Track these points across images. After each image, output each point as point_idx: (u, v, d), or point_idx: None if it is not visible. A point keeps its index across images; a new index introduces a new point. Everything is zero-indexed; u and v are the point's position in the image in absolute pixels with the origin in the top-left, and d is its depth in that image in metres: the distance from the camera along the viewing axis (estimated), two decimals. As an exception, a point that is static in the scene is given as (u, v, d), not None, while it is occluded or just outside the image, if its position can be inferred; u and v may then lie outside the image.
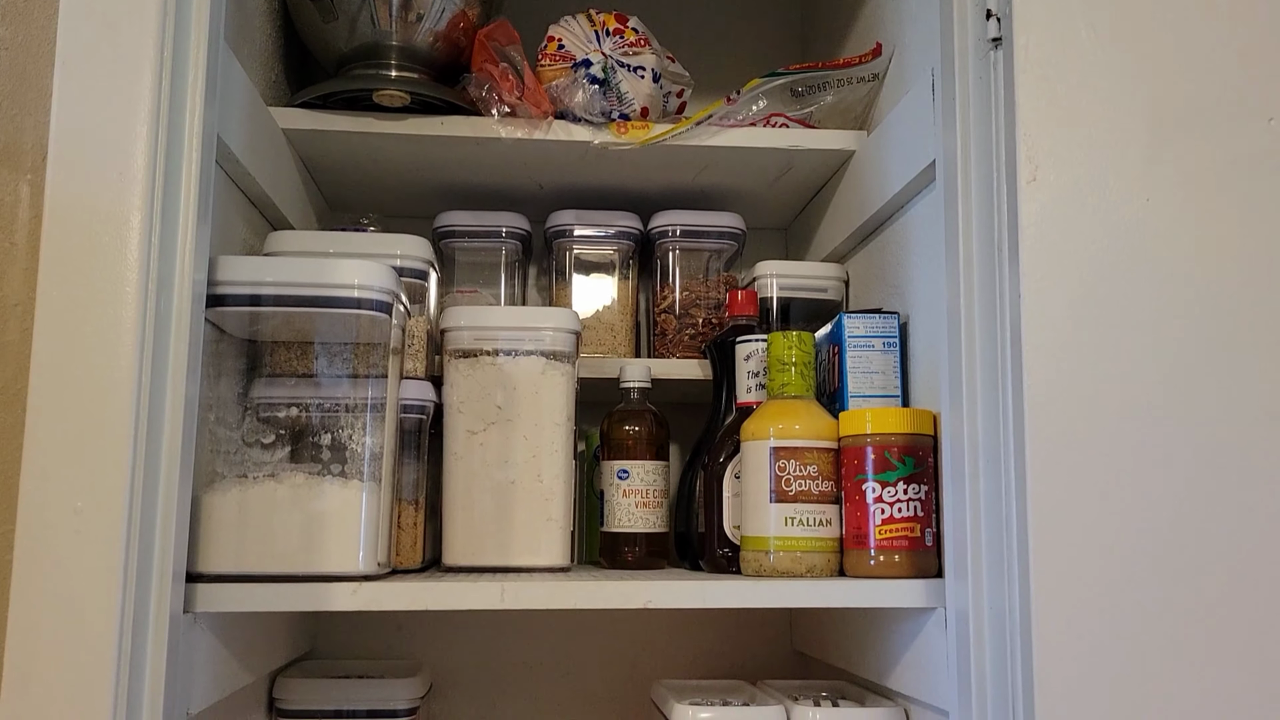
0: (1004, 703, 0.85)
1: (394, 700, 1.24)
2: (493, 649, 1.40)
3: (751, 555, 1.01)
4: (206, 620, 0.91)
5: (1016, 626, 0.84)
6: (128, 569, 0.76)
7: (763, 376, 1.10)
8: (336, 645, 1.39)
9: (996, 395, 0.86)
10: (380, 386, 0.98)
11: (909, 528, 0.97)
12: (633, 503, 1.16)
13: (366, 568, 0.91)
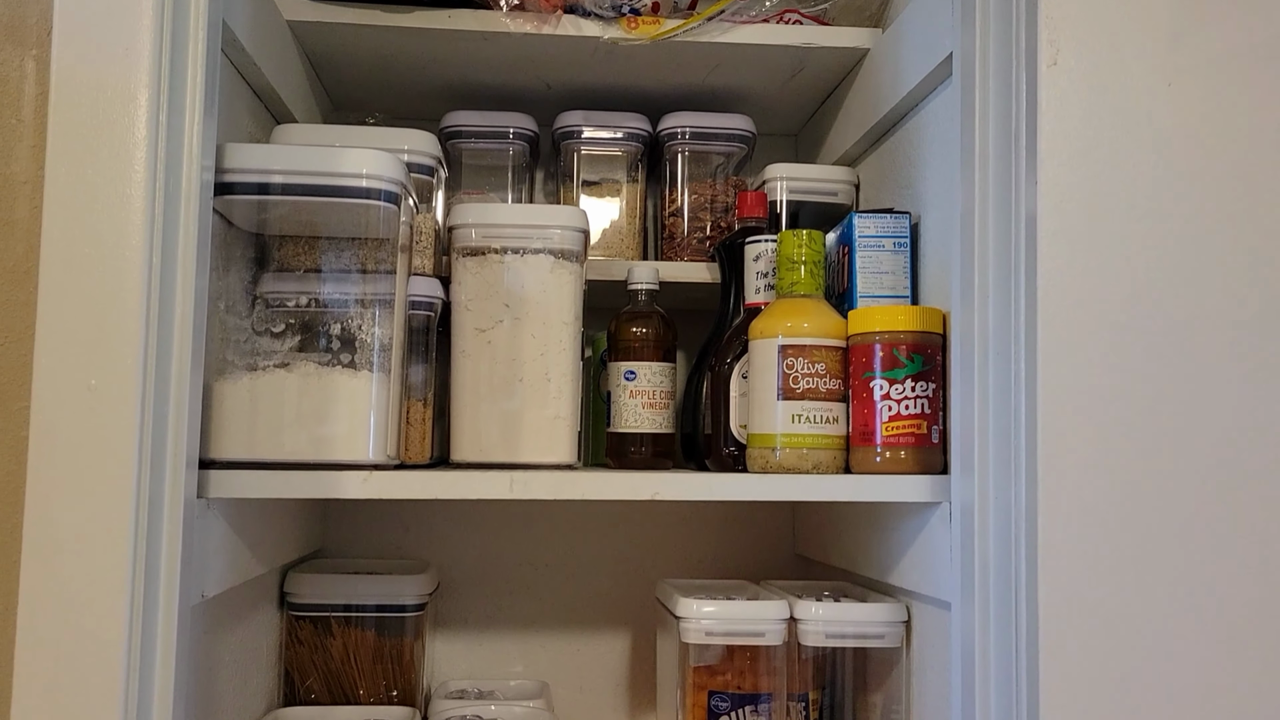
0: (1006, 594, 0.86)
1: (403, 596, 1.26)
2: (499, 550, 1.42)
3: (758, 453, 1.02)
4: (220, 507, 0.92)
5: (1022, 520, 0.85)
6: (142, 448, 0.76)
7: (771, 277, 1.09)
8: (345, 545, 1.41)
9: (1009, 289, 0.86)
10: (389, 281, 0.98)
11: (916, 425, 0.97)
12: (639, 404, 1.17)
13: (376, 457, 0.92)
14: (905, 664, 1.07)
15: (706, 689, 1.15)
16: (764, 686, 1.13)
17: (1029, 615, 0.84)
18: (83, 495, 0.75)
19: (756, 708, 1.14)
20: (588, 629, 1.42)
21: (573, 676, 1.41)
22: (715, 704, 1.17)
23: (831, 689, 1.18)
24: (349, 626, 1.25)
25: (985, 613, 0.87)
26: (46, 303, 0.74)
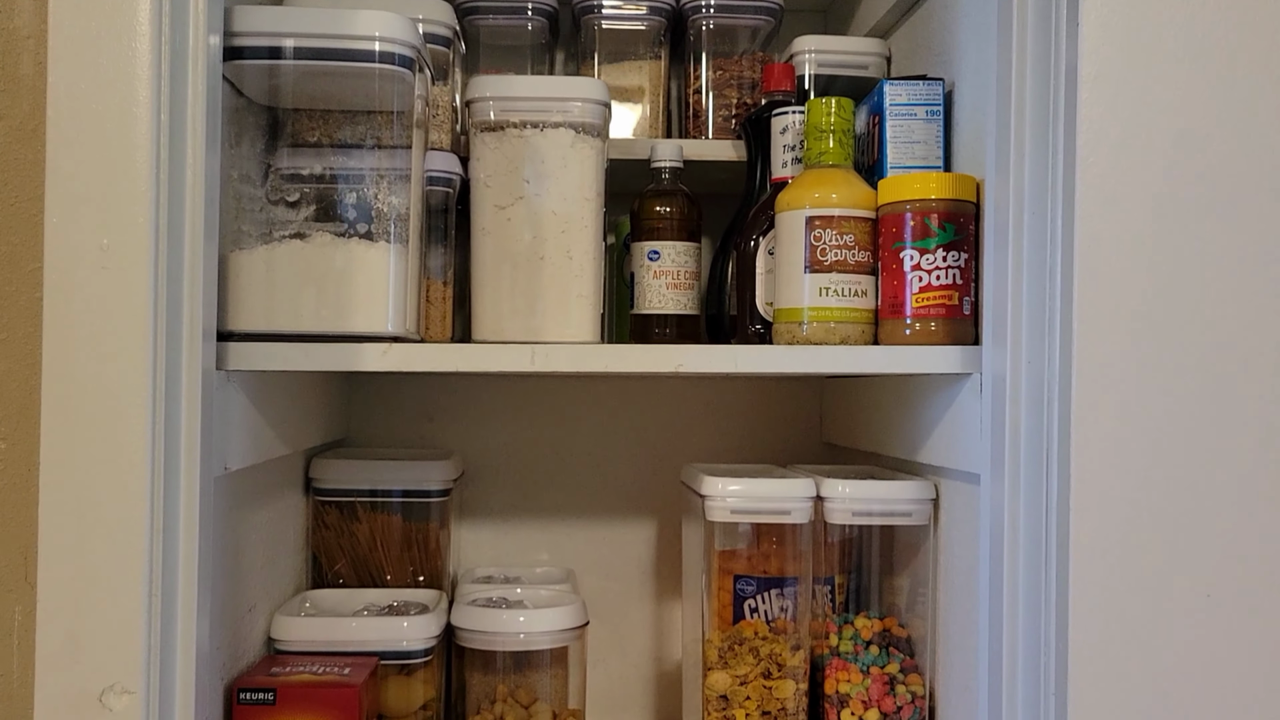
0: (1037, 466, 0.84)
1: (427, 481, 1.26)
2: (524, 440, 1.41)
3: (784, 328, 1.00)
4: (239, 381, 0.91)
5: (1055, 391, 0.83)
6: (157, 310, 0.75)
7: (799, 150, 1.06)
8: (369, 434, 1.41)
9: (1046, 148, 0.83)
10: (405, 156, 0.95)
11: (946, 295, 0.95)
12: (663, 284, 1.14)
13: (395, 329, 0.91)
14: (933, 543, 1.06)
15: (732, 573, 1.15)
16: (790, 570, 1.12)
17: (1060, 487, 0.82)
18: (100, 358, 0.74)
19: (782, 591, 1.14)
20: (613, 517, 1.42)
21: (598, 564, 1.41)
22: (741, 588, 1.16)
23: (858, 573, 1.17)
24: (375, 511, 1.26)
25: (1015, 484, 0.86)
26: (54, 160, 0.73)
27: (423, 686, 1.12)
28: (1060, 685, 0.81)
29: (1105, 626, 0.80)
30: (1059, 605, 0.82)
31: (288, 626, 1.09)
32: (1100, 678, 0.80)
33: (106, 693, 0.72)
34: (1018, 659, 0.85)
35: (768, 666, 1.05)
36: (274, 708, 0.97)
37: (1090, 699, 0.79)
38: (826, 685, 1.06)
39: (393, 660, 1.09)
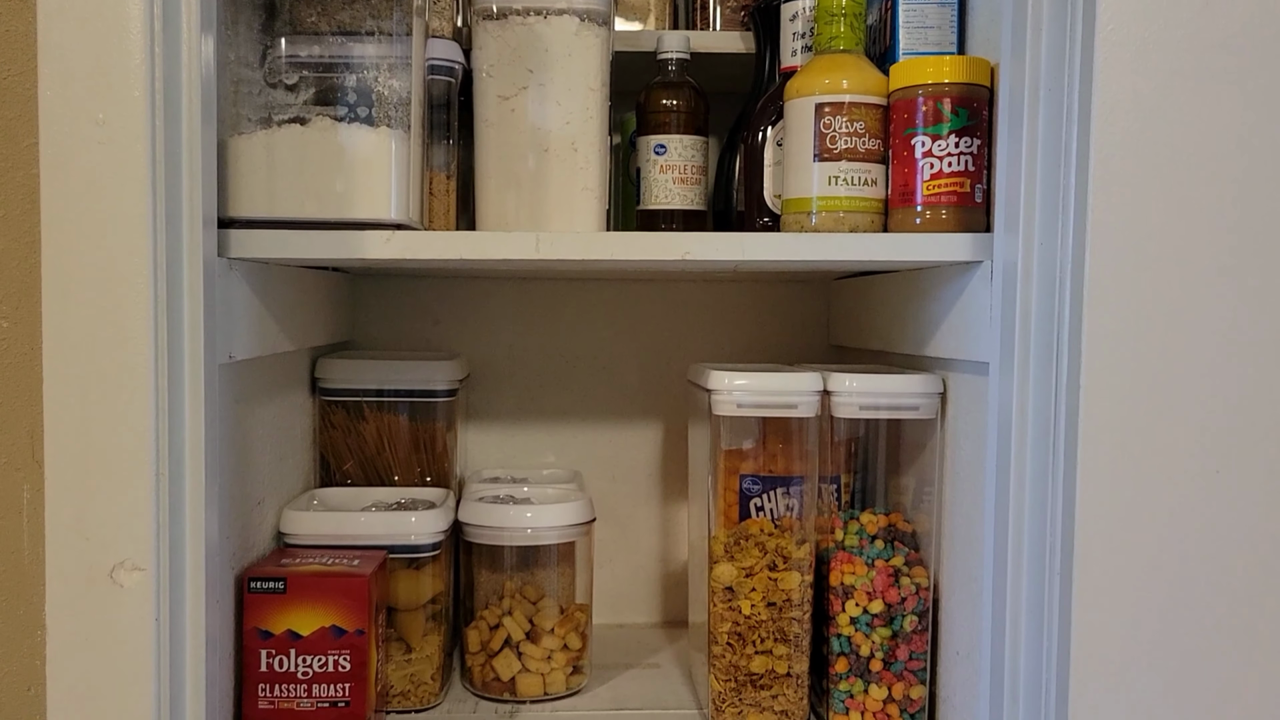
0: (1047, 352, 0.83)
1: (434, 381, 1.26)
2: (530, 343, 1.41)
3: (792, 218, 0.99)
4: (242, 271, 0.91)
5: (1067, 279, 0.81)
6: (155, 191, 0.74)
7: (808, 38, 1.03)
8: (374, 338, 1.40)
9: (1063, 31, 0.80)
10: (405, 43, 0.93)
11: (958, 183, 0.93)
12: (670, 179, 1.13)
13: (398, 216, 0.90)
14: (939, 438, 1.06)
15: (738, 472, 1.15)
16: (796, 469, 1.12)
17: (1069, 375, 0.81)
18: (100, 235, 0.73)
19: (788, 490, 1.14)
20: (620, 420, 1.42)
21: (605, 467, 1.42)
22: (747, 487, 1.17)
23: (863, 473, 1.17)
24: (381, 412, 1.26)
25: (1024, 372, 0.85)
26: (45, 31, 0.71)
27: (431, 580, 1.13)
28: (1065, 571, 0.81)
29: (1112, 513, 0.80)
30: (1066, 493, 0.81)
31: (297, 521, 1.09)
32: (1106, 562, 0.80)
33: (117, 569, 0.72)
34: (1023, 547, 0.85)
35: (773, 559, 1.06)
36: (284, 596, 0.98)
37: (1096, 583, 0.80)
38: (831, 577, 1.06)
39: (401, 554, 1.10)
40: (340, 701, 0.99)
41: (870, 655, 1.05)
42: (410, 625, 1.12)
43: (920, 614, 1.05)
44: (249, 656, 0.98)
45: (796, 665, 1.05)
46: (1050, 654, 0.83)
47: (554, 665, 1.15)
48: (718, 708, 1.05)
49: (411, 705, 1.11)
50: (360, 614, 0.99)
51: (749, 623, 1.05)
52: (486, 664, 1.14)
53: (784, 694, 1.05)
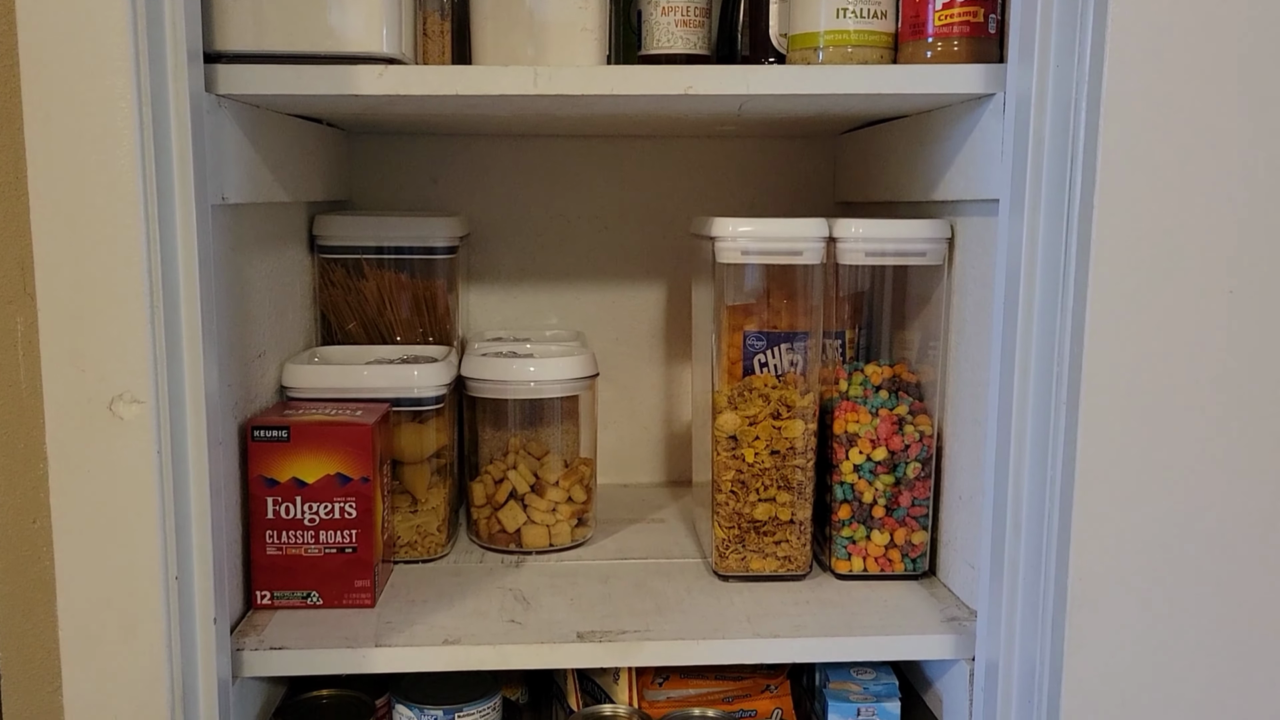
0: (1060, 186, 0.81)
1: (433, 238, 1.24)
2: (530, 202, 1.39)
3: (799, 55, 0.95)
4: (232, 110, 0.88)
5: (1082, 109, 0.79)
6: (136, 20, 0.71)
7: None
8: (372, 197, 1.38)
9: None
10: None
11: (971, 13, 0.90)
12: (672, 21, 1.09)
13: (390, 49, 0.87)
14: (946, 286, 1.04)
15: (742, 329, 1.14)
16: (800, 325, 1.11)
17: (1081, 210, 0.79)
18: (81, 63, 0.71)
19: (793, 346, 1.13)
20: (622, 281, 1.41)
21: (608, 328, 1.41)
22: (751, 344, 1.16)
23: (868, 329, 1.16)
24: (381, 269, 1.24)
25: (1035, 208, 0.83)
26: None
27: (435, 434, 1.13)
28: (1071, 409, 0.80)
29: (1121, 350, 0.79)
30: (1075, 332, 0.80)
31: (299, 374, 1.09)
32: (1112, 400, 0.79)
33: (116, 401, 0.72)
34: (1029, 387, 0.84)
35: (777, 408, 1.05)
36: (288, 444, 0.98)
37: (1101, 421, 0.79)
38: (835, 426, 1.06)
39: (404, 408, 1.10)
40: (347, 548, 1.00)
41: (873, 502, 1.06)
42: (416, 478, 1.12)
43: (923, 461, 1.05)
44: (255, 504, 0.99)
45: (800, 512, 1.05)
46: (1053, 493, 0.83)
47: (559, 517, 1.15)
48: (721, 554, 1.06)
49: (419, 555, 1.12)
50: (364, 462, 0.99)
51: (752, 471, 1.05)
52: (492, 516, 1.15)
53: (787, 540, 1.06)
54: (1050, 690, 0.84)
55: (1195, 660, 0.82)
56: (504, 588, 1.06)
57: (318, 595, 1.00)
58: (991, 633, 0.90)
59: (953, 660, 0.96)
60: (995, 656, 0.89)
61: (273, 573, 0.99)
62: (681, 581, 1.07)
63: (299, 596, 1.00)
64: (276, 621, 0.97)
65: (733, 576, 1.07)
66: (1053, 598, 0.83)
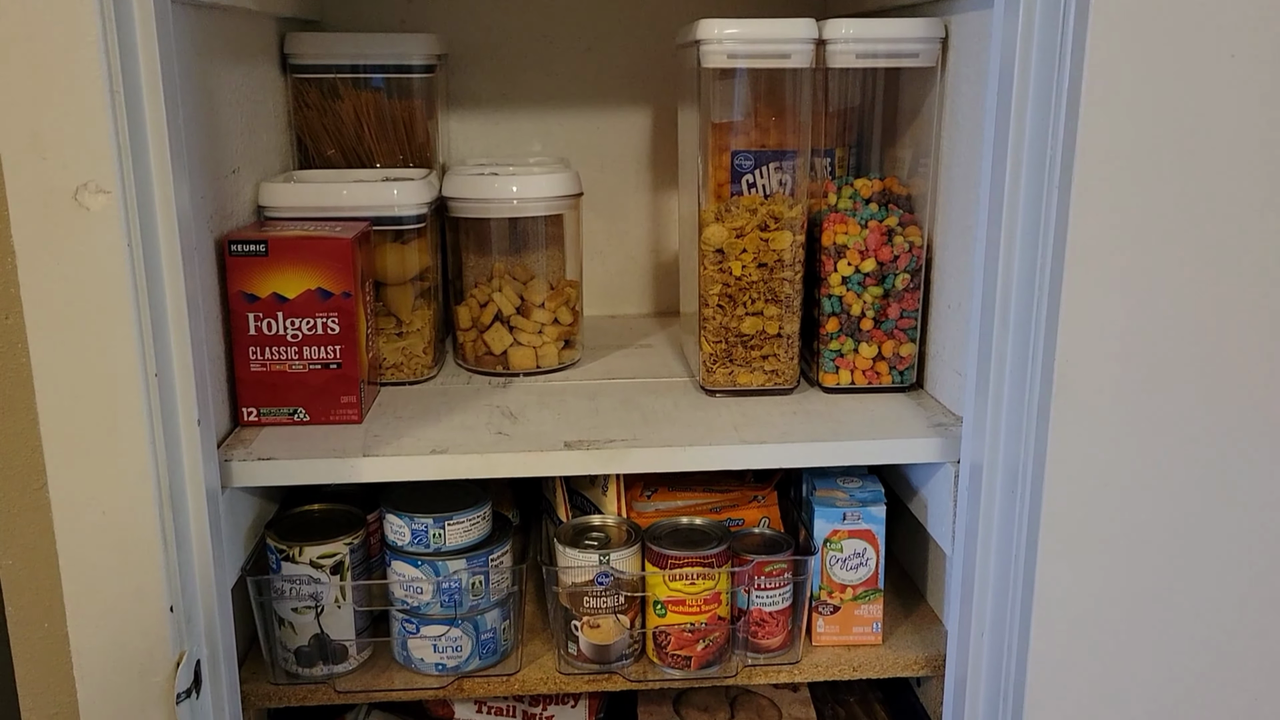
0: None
1: (410, 56, 1.20)
2: (510, 23, 1.34)
3: None
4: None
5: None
6: None
7: None
8: (344, 18, 1.33)
9: None
10: None
11: None
12: None
13: None
14: (939, 91, 1.01)
15: (729, 149, 1.11)
16: (789, 143, 1.08)
17: (1078, 4, 0.76)
18: None
19: (781, 165, 1.11)
20: (607, 106, 1.37)
21: (592, 155, 1.38)
22: (738, 164, 1.13)
23: (858, 147, 1.13)
24: (357, 90, 1.20)
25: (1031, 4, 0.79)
26: None
27: (418, 255, 1.11)
28: (1062, 207, 0.78)
29: (1114, 146, 0.76)
30: (1068, 127, 0.77)
31: (276, 193, 1.06)
32: (1104, 198, 0.77)
33: (80, 191, 0.69)
34: (1020, 182, 0.82)
35: (764, 220, 1.03)
36: (267, 259, 0.97)
37: (1091, 218, 0.77)
38: (824, 238, 1.04)
39: (385, 226, 1.07)
40: (332, 364, 0.99)
41: (861, 314, 1.05)
42: (399, 300, 1.11)
43: (912, 272, 1.04)
44: (236, 320, 0.98)
45: (787, 326, 1.05)
46: (1042, 291, 0.81)
47: (545, 339, 1.15)
48: (708, 370, 1.06)
49: (405, 377, 1.12)
50: (345, 276, 0.97)
51: (739, 284, 1.04)
52: (478, 339, 1.15)
53: (775, 354, 1.05)
54: (1033, 490, 0.85)
55: (1178, 454, 0.82)
56: (491, 405, 1.05)
57: (304, 412, 1.00)
58: (977, 434, 0.90)
59: (938, 464, 0.97)
60: (980, 458, 0.89)
61: (258, 389, 0.99)
62: (669, 398, 1.07)
63: (285, 413, 1.00)
64: (264, 437, 0.97)
65: (720, 391, 1.06)
66: (1038, 398, 0.83)
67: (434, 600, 0.97)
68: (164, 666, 0.79)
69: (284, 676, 0.99)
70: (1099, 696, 0.86)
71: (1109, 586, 0.84)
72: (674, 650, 0.99)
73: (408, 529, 0.96)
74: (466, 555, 0.97)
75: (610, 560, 0.97)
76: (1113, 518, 0.83)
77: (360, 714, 1.09)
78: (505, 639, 1.01)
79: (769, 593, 0.98)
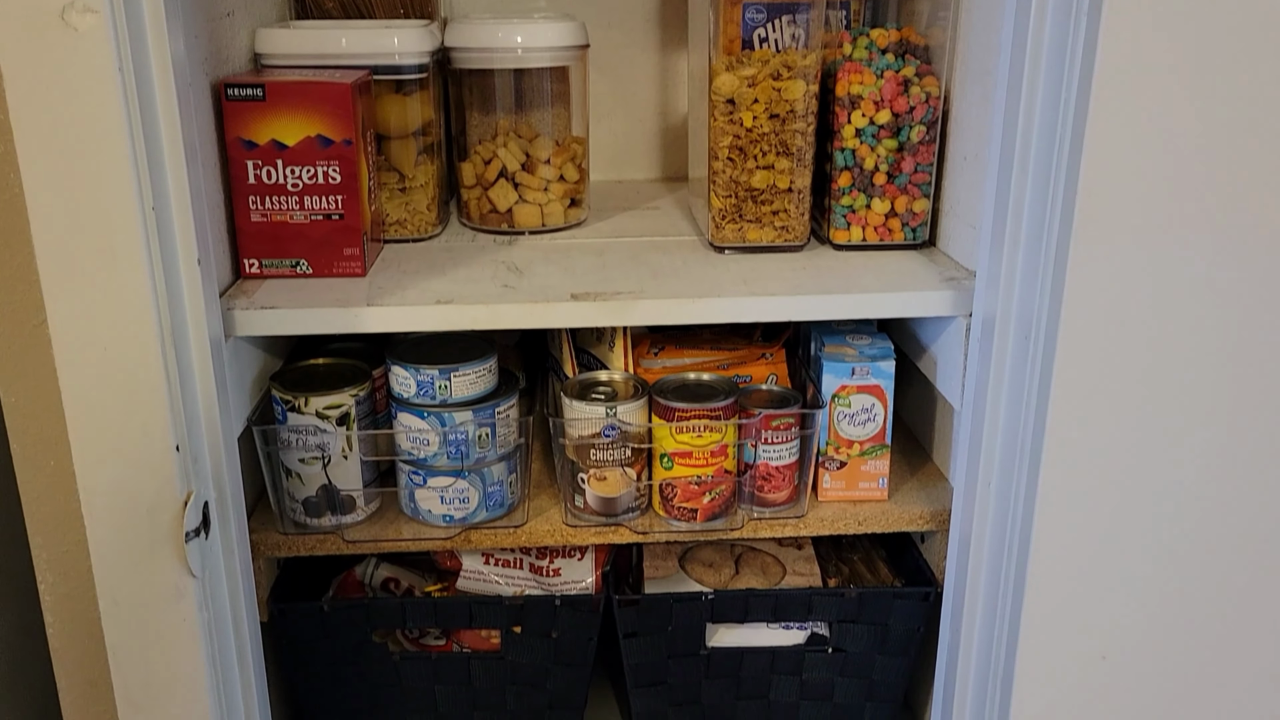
0: None
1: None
2: None
3: None
4: None
5: None
6: None
7: None
8: None
9: None
10: None
11: None
12: None
13: None
14: (961, -67, 0.97)
15: (740, 2, 1.07)
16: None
17: None
18: None
19: (794, 18, 1.06)
20: (614, -40, 1.32)
21: (600, 13, 1.33)
22: (750, 17, 1.09)
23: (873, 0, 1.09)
24: (355, -64, 1.16)
25: None
26: None
27: (420, 108, 1.08)
28: (1087, 60, 0.75)
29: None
30: None
31: (273, 39, 1.03)
32: (1133, 35, 0.74)
33: (67, 10, 0.67)
34: (1044, 33, 0.79)
35: (777, 69, 1.00)
36: (265, 104, 0.94)
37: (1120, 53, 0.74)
38: (838, 89, 1.01)
39: (386, 76, 1.04)
40: (334, 214, 0.97)
41: (874, 169, 1.02)
42: (402, 154, 1.08)
43: (928, 124, 1.01)
44: (235, 168, 0.95)
45: (799, 180, 1.02)
46: (1064, 135, 0.78)
47: (551, 196, 1.12)
48: (717, 226, 1.04)
49: (409, 234, 1.10)
50: (345, 123, 0.95)
51: (750, 136, 1.01)
52: (483, 196, 1.12)
53: (785, 210, 1.03)
54: (1046, 342, 0.83)
55: (1198, 300, 0.80)
56: (496, 261, 1.04)
57: (306, 264, 0.98)
58: (990, 287, 0.88)
59: (950, 318, 0.96)
60: (993, 311, 0.88)
61: (259, 240, 0.97)
62: (678, 255, 1.05)
63: (288, 265, 0.98)
64: (266, 288, 0.95)
65: (729, 247, 1.05)
66: (1055, 247, 0.81)
67: (440, 452, 0.97)
68: (172, 505, 0.79)
69: (292, 527, 0.99)
70: (1105, 548, 0.86)
71: (1119, 437, 0.83)
72: (680, 503, 0.99)
73: (413, 380, 0.96)
74: (473, 407, 0.96)
75: (617, 413, 0.96)
76: (1126, 369, 0.81)
77: (369, 567, 1.10)
78: (512, 492, 1.01)
79: (776, 447, 0.98)
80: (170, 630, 0.81)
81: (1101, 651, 0.87)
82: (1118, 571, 0.86)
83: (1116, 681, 0.89)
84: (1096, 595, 0.87)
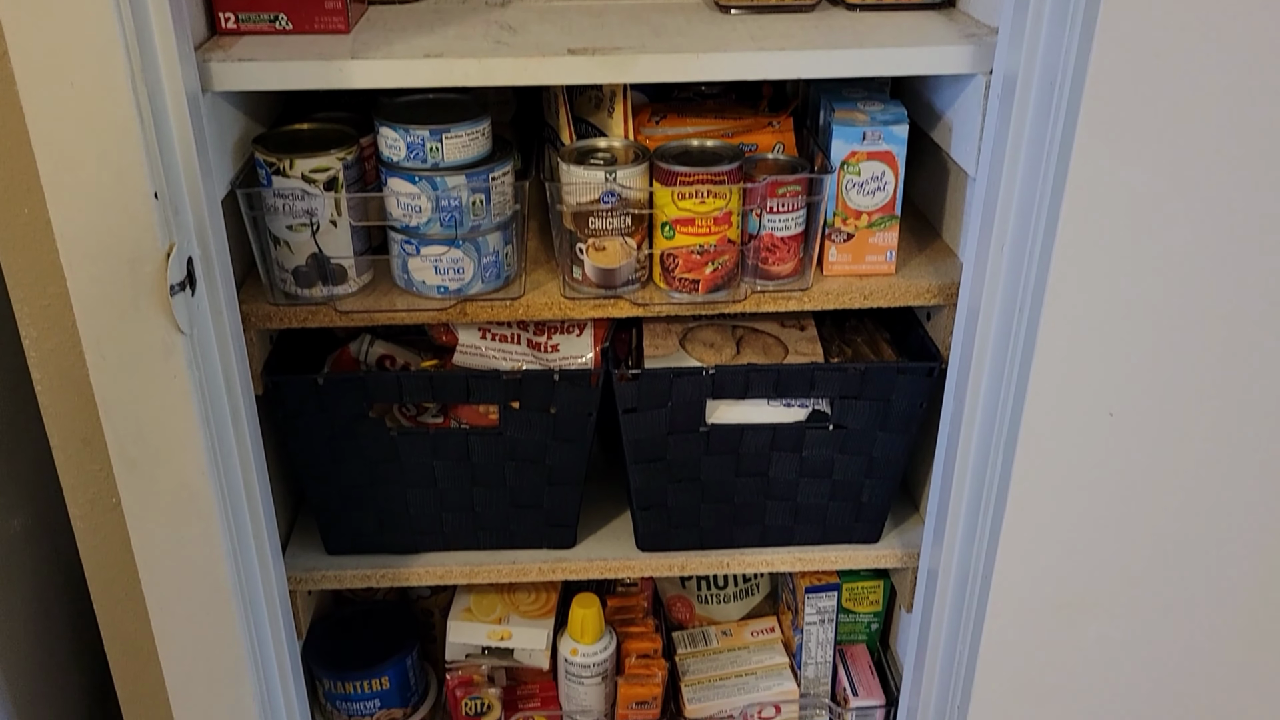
0: None
1: None
2: None
3: None
4: None
5: None
6: None
7: None
8: None
9: None
10: None
11: None
12: None
13: None
14: None
15: None
16: None
17: None
18: None
19: None
20: None
21: None
22: None
23: None
24: None
25: None
26: None
27: None
28: None
29: None
30: None
31: None
32: None
33: None
34: None
35: None
36: None
37: None
38: None
39: None
40: (313, -38, 0.90)
41: (894, -83, 0.95)
42: (385, -97, 1.00)
43: None
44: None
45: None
46: None
47: (546, -46, 1.05)
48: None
49: (395, -6, 1.03)
50: None
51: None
52: (473, -46, 1.05)
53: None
54: (1070, 101, 0.79)
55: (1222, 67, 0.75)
56: (489, 20, 0.98)
57: (285, 19, 0.92)
58: (1014, 42, 0.83)
59: (969, 76, 0.91)
60: (1015, 68, 0.83)
61: (234, -10, 0.91)
62: (681, 15, 0.99)
63: (266, 19, 0.92)
64: (244, 43, 0.90)
65: (736, 6, 0.98)
66: None
67: (433, 219, 0.93)
68: (154, 256, 0.76)
69: (283, 298, 0.97)
70: (1115, 315, 0.83)
71: (1140, 193, 0.79)
72: (681, 274, 0.96)
73: (403, 142, 0.91)
74: (466, 171, 0.92)
75: (617, 178, 0.92)
76: (1152, 118, 0.77)
77: (364, 344, 1.08)
78: (508, 263, 0.98)
79: (781, 216, 0.95)
80: (161, 386, 0.80)
81: (1108, 409, 0.86)
82: (1128, 337, 0.84)
83: (1121, 443, 0.88)
84: (1104, 360, 0.85)
